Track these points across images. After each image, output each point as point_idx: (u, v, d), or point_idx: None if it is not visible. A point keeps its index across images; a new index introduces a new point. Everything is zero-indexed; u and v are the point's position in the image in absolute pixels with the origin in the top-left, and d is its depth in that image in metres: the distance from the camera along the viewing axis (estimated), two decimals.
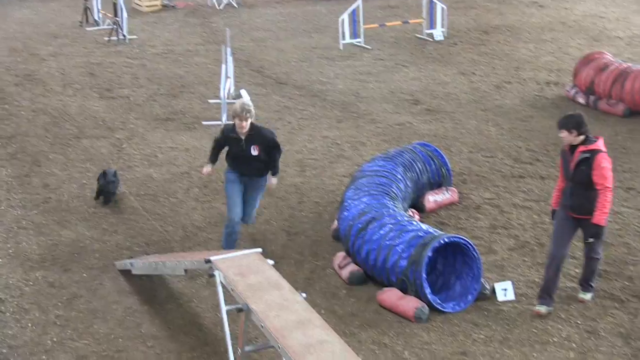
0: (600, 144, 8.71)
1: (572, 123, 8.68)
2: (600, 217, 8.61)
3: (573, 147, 8.76)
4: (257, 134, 10.19)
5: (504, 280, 9.84)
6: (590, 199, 8.63)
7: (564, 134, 8.75)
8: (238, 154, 10.23)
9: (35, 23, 26.32)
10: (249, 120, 10.03)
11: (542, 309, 9.13)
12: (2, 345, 8.81)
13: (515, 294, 9.64)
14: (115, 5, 23.19)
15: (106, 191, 12.22)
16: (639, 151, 14.14)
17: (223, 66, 16.25)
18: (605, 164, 8.62)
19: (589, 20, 25.13)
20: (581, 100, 16.77)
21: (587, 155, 8.61)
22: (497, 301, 9.56)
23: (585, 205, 8.68)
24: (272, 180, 10.65)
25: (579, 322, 9.08)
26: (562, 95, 17.45)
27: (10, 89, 18.63)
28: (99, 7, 25.54)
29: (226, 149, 10.56)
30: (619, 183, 12.68)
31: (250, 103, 10.34)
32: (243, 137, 10.14)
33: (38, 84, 19.03)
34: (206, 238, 11.33)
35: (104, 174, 12.26)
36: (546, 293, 9.13)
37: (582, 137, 8.68)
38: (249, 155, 10.16)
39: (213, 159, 10.77)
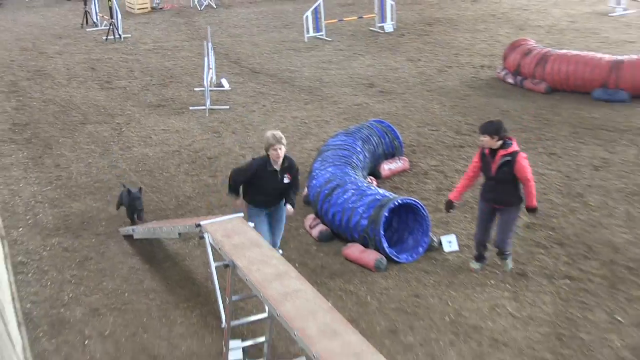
0: (515, 145, 8.49)
1: (493, 129, 8.38)
2: (532, 202, 8.55)
3: (493, 151, 8.48)
4: (289, 162, 8.65)
5: (449, 234, 9.94)
6: (510, 192, 8.53)
7: (486, 138, 8.41)
8: (274, 186, 8.62)
9: (42, 26, 26.08)
10: (284, 148, 8.47)
11: (477, 266, 9.19)
12: (26, 301, 8.83)
13: (459, 245, 9.76)
14: (111, 8, 23.02)
15: (133, 208, 10.60)
16: (559, 122, 14.24)
17: (205, 59, 16.17)
18: (524, 162, 8.42)
19: (515, 12, 25.19)
20: (510, 80, 16.85)
21: (508, 158, 8.38)
22: (444, 252, 9.66)
23: (505, 198, 8.59)
24: (289, 209, 8.89)
25: (511, 266, 9.21)
26: (494, 76, 17.50)
27: (23, 83, 18.50)
28: (97, 11, 25.46)
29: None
30: (542, 149, 12.82)
31: (277, 132, 8.59)
32: (279, 169, 8.57)
33: (47, 78, 18.88)
34: (196, 206, 11.32)
35: (128, 192, 10.58)
36: (479, 256, 9.21)
37: (500, 142, 8.41)
38: (282, 185, 8.65)
39: (236, 191, 8.81)
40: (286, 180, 8.64)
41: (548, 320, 8.12)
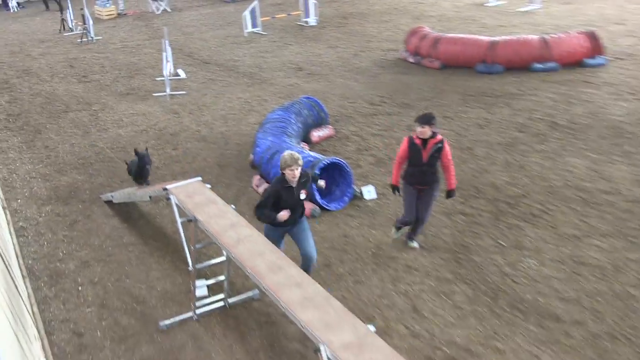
0: (440, 134, 7.80)
1: (429, 119, 7.54)
2: (454, 183, 7.90)
3: (425, 140, 7.60)
4: (307, 178, 7.18)
5: (368, 185, 10.02)
6: (434, 173, 7.82)
7: (425, 128, 7.47)
8: (291, 203, 7.05)
9: (27, 33, 25.26)
10: (300, 169, 6.96)
11: (397, 235, 8.52)
12: (28, 258, 8.65)
13: (377, 193, 9.83)
14: (83, 16, 22.51)
15: (142, 167, 9.53)
16: (450, 91, 14.38)
17: (164, 54, 15.84)
18: (448, 147, 7.80)
19: (413, 5, 25.26)
20: (411, 60, 16.92)
21: (439, 145, 7.69)
22: (365, 199, 9.73)
23: (431, 179, 7.84)
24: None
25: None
26: (399, 57, 17.56)
27: (13, 80, 17.92)
28: (72, 18, 24.80)
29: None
30: (438, 114, 12.89)
31: (295, 152, 7.05)
32: (294, 185, 7.04)
33: (33, 75, 18.32)
34: (162, 174, 11.14)
35: (136, 153, 9.47)
36: (400, 227, 8.51)
37: (432, 131, 7.64)
38: (299, 201, 7.13)
39: (273, 215, 6.94)
40: (303, 196, 7.15)
41: (448, 248, 8.28)
